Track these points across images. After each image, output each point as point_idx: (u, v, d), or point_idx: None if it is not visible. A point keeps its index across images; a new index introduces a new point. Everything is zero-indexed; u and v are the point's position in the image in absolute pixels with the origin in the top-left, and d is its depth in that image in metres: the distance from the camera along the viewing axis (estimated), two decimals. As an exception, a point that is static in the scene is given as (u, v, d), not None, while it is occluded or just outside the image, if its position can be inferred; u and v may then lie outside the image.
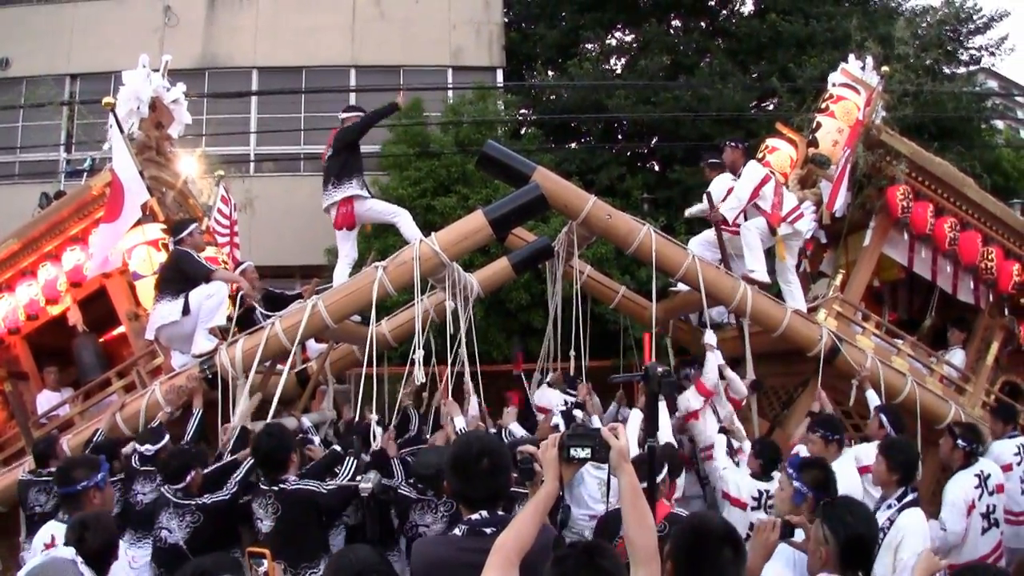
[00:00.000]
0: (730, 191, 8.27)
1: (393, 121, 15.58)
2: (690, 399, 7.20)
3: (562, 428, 6.16)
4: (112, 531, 4.27)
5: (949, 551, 6.16)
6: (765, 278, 7.88)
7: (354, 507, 5.76)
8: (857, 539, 3.38)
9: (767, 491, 5.80)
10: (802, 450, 6.49)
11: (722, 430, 7.00)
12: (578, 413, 7.76)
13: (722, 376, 7.33)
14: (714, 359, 7.31)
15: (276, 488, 5.19)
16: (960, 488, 6.12)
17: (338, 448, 6.20)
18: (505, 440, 6.51)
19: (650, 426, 3.60)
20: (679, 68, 18.02)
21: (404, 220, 8.09)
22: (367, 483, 5.20)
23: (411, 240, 7.29)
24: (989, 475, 6.20)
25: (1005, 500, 6.49)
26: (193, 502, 5.46)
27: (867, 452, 6.18)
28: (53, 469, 6.18)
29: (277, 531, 5.13)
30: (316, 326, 6.77)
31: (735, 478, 6.14)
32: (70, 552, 3.74)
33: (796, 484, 4.49)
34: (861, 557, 3.37)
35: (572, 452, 2.88)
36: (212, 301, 7.18)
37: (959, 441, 6.29)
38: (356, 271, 7.93)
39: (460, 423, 6.48)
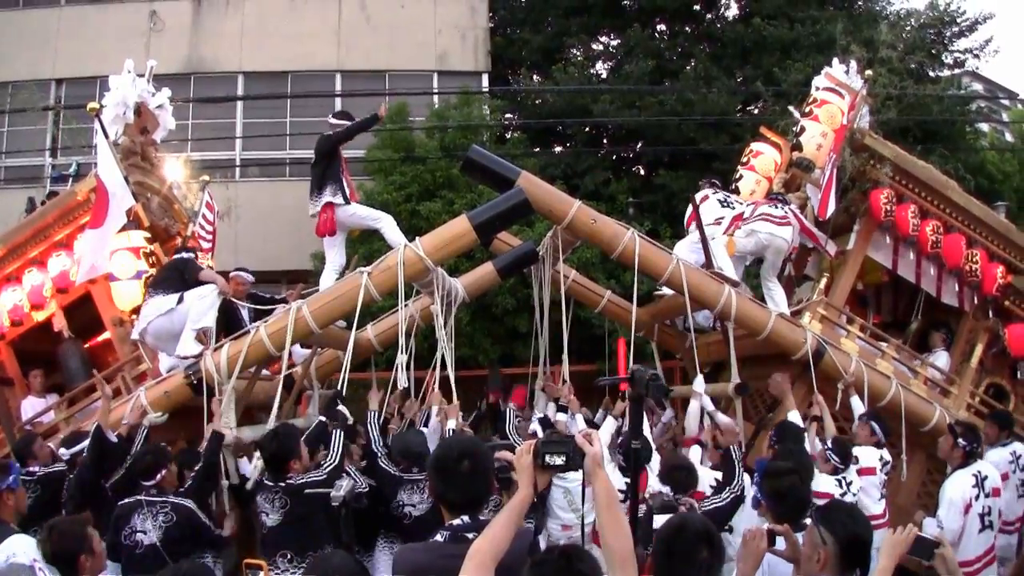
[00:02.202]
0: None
1: (378, 126, 15.58)
2: None
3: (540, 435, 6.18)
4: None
5: None
6: (735, 276, 7.90)
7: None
8: (856, 539, 3.40)
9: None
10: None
11: (697, 442, 7.01)
12: (562, 416, 7.74)
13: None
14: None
15: (283, 484, 5.40)
16: (958, 487, 6.15)
17: (323, 419, 6.37)
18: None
19: (634, 429, 3.59)
20: (664, 72, 18.07)
21: (387, 224, 8.08)
22: (338, 491, 5.23)
23: (394, 244, 7.28)
24: (986, 476, 6.22)
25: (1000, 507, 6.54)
26: (168, 499, 5.54)
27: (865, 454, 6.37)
28: (32, 469, 6.20)
29: (285, 523, 5.39)
30: (301, 331, 6.77)
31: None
32: (27, 558, 3.76)
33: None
34: (860, 557, 3.40)
35: (547, 459, 2.87)
36: (204, 302, 7.18)
37: (959, 440, 6.32)
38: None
39: (452, 424, 6.53)
